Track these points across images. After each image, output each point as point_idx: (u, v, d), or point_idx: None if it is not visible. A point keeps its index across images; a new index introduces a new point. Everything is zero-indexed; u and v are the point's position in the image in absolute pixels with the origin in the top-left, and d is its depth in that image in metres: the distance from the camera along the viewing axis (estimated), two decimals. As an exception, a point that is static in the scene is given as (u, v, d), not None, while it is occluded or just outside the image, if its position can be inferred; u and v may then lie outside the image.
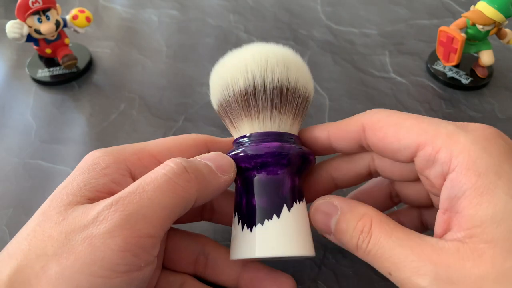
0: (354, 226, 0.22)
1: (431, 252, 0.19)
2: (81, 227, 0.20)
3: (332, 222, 0.23)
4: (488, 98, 0.41)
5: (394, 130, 0.22)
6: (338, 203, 0.23)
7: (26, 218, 0.22)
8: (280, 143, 0.24)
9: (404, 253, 0.20)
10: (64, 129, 0.41)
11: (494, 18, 0.38)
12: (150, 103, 0.42)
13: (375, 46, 0.47)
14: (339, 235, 0.23)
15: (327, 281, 0.29)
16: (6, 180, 0.37)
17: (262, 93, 0.24)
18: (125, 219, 0.19)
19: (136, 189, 0.21)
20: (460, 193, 0.20)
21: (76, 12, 0.43)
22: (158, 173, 0.21)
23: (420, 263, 0.19)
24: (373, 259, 0.22)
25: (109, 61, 0.47)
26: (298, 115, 0.26)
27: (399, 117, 0.23)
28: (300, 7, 0.52)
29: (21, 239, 0.20)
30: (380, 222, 0.22)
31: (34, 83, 0.45)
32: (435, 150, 0.21)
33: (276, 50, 0.26)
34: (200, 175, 0.22)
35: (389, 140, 0.23)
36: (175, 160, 0.22)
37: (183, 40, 0.49)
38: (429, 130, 0.21)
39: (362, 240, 0.22)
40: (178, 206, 0.21)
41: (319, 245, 0.31)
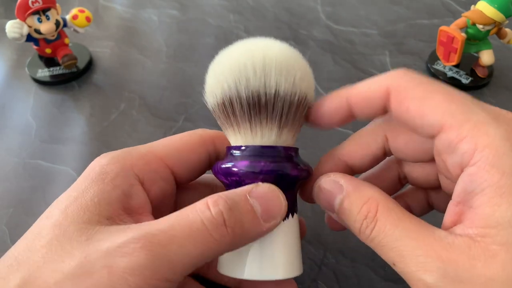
0: (358, 209, 0.21)
1: (440, 247, 0.18)
2: (104, 253, 0.19)
3: (336, 202, 0.22)
4: (488, 98, 0.41)
5: (419, 104, 0.20)
6: (343, 182, 0.22)
7: (26, 218, 0.22)
8: (249, 161, 0.22)
9: (410, 245, 0.19)
10: (64, 129, 0.41)
11: (494, 18, 0.38)
12: (150, 103, 0.42)
13: (375, 46, 0.47)
14: (342, 216, 0.22)
15: (327, 281, 0.29)
16: (6, 180, 0.37)
17: (237, 103, 0.22)
18: (150, 261, 0.19)
19: (168, 230, 0.20)
20: (478, 189, 0.18)
21: (76, 12, 0.43)
22: (195, 217, 0.20)
23: (427, 259, 0.18)
24: (376, 247, 0.21)
25: (109, 61, 0.47)
26: (286, 124, 0.23)
27: (427, 89, 0.20)
28: (300, 7, 0.52)
29: (33, 250, 0.20)
30: (387, 208, 0.20)
31: (34, 83, 0.45)
32: (459, 137, 0.19)
33: (260, 50, 0.23)
34: (239, 228, 0.21)
35: (412, 114, 0.21)
36: (216, 207, 0.20)
37: (183, 40, 0.49)
38: (457, 114, 0.19)
39: (365, 226, 0.21)
40: (206, 257, 0.20)
41: (319, 245, 0.31)
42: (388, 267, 0.30)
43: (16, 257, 0.20)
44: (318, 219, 0.33)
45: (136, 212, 0.22)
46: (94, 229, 0.20)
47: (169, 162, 0.24)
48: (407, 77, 0.21)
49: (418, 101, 0.20)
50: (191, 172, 0.26)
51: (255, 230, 0.21)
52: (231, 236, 0.20)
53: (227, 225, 0.20)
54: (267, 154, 0.23)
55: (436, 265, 0.18)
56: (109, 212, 0.21)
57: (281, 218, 0.22)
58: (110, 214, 0.21)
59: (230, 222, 0.20)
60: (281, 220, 0.22)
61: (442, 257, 0.18)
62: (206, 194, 0.28)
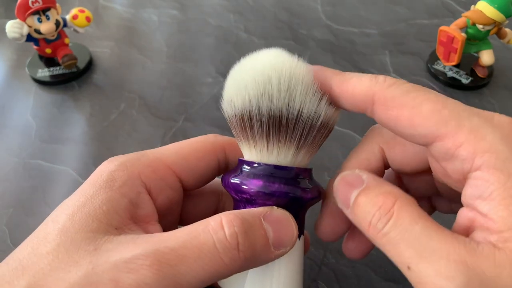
0: (372, 201, 0.19)
1: (465, 252, 0.17)
2: (111, 266, 0.19)
3: (353, 195, 0.21)
4: (488, 98, 0.41)
5: (409, 114, 0.19)
6: (366, 177, 0.21)
7: (26, 218, 0.22)
8: (263, 181, 0.22)
9: (431, 245, 0.17)
10: (64, 129, 0.41)
11: (494, 18, 0.38)
12: (150, 103, 0.42)
13: (375, 46, 0.47)
14: (355, 208, 0.20)
15: (327, 281, 0.29)
16: (6, 180, 0.37)
17: (257, 120, 0.22)
18: (157, 280, 0.18)
19: (178, 249, 0.19)
20: (486, 193, 0.18)
21: (76, 12, 0.43)
22: (207, 238, 0.19)
23: (451, 263, 0.17)
24: (388, 244, 0.19)
25: (109, 61, 0.47)
26: (304, 146, 0.22)
27: (416, 98, 0.19)
28: (300, 7, 0.52)
29: (39, 255, 0.20)
30: (407, 204, 0.19)
31: (34, 83, 0.45)
32: (455, 145, 0.18)
33: (285, 68, 0.22)
34: (250, 254, 0.20)
35: (402, 124, 0.20)
36: (231, 228, 0.20)
37: (183, 40, 0.49)
38: (450, 121, 0.19)
39: (378, 218, 0.19)
40: (213, 279, 0.20)
41: (319, 245, 0.31)
42: (388, 267, 0.30)
43: (21, 261, 0.20)
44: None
45: (143, 221, 0.22)
46: (102, 239, 0.20)
47: (177, 169, 0.24)
48: (395, 86, 0.20)
49: (408, 111, 0.20)
50: (199, 179, 0.25)
51: (264, 257, 0.21)
52: (242, 261, 0.20)
53: (240, 249, 0.20)
54: (282, 175, 0.22)
55: (461, 271, 0.17)
56: (117, 221, 0.21)
57: (291, 247, 0.22)
58: (118, 224, 0.21)
59: (244, 246, 0.20)
60: (290, 249, 0.22)
61: (467, 262, 0.17)
62: (212, 201, 0.27)
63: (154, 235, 0.20)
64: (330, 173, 0.35)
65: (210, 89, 0.43)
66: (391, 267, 0.30)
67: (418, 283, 0.18)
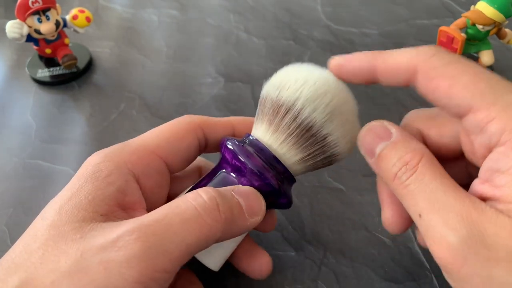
0: (400, 155, 0.21)
1: (473, 209, 0.18)
2: (99, 248, 0.19)
3: (380, 146, 0.22)
4: (488, 98, 0.41)
5: (447, 84, 0.20)
6: (394, 130, 0.22)
7: (26, 218, 0.22)
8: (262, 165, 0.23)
9: (444, 200, 0.19)
10: (64, 129, 0.41)
11: (494, 18, 0.38)
12: (150, 103, 0.42)
13: (375, 46, 0.47)
14: (381, 160, 0.22)
15: (327, 281, 0.29)
16: (6, 180, 0.37)
17: (292, 117, 0.23)
18: (146, 252, 0.19)
19: (163, 219, 0.20)
20: (504, 167, 0.19)
21: (76, 12, 0.43)
22: (188, 205, 0.21)
23: (458, 216, 0.18)
24: (407, 194, 0.20)
25: (109, 61, 0.47)
26: (308, 161, 0.24)
27: (456, 69, 0.20)
28: (300, 7, 0.52)
29: (30, 251, 0.20)
30: (430, 162, 0.20)
31: (34, 83, 0.45)
32: (487, 119, 0.19)
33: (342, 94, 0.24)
34: (230, 216, 0.21)
35: (440, 94, 0.21)
36: (209, 193, 0.21)
37: (183, 40, 0.49)
38: (486, 95, 0.19)
39: (403, 172, 0.20)
40: (201, 245, 0.21)
41: (319, 245, 0.31)
42: (388, 267, 0.30)
43: (14, 260, 0.20)
44: (318, 219, 0.33)
45: (131, 208, 0.22)
46: (88, 227, 0.20)
47: (161, 153, 0.25)
48: (437, 56, 0.21)
49: (447, 81, 0.20)
50: (183, 160, 0.26)
51: (242, 223, 0.22)
52: (223, 222, 0.21)
53: (221, 210, 0.21)
54: (277, 170, 0.24)
55: (465, 225, 0.18)
56: (104, 208, 0.21)
57: (262, 217, 0.23)
58: (105, 211, 0.21)
59: (223, 207, 0.21)
60: (261, 218, 0.23)
61: (472, 218, 0.18)
62: (195, 179, 0.28)
63: (138, 217, 0.21)
64: (330, 173, 0.35)
65: (210, 89, 0.43)
66: (391, 267, 0.30)
67: (426, 230, 0.20)
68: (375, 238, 0.31)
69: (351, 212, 0.33)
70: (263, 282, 0.29)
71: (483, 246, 0.18)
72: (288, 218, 0.33)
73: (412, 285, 0.29)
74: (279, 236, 0.32)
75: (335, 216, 0.33)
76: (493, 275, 0.18)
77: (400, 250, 0.31)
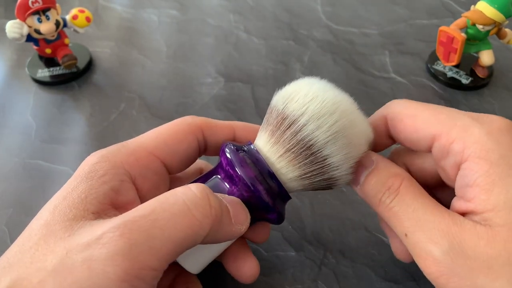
0: (383, 181, 0.23)
1: (452, 223, 0.20)
2: (83, 246, 0.19)
3: (363, 174, 0.23)
4: (488, 98, 0.41)
5: (412, 121, 0.23)
6: (375, 158, 0.24)
7: (26, 218, 0.22)
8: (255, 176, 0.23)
9: (425, 217, 0.21)
10: (64, 129, 0.41)
11: (494, 18, 0.38)
12: (150, 103, 0.42)
13: (375, 46, 0.47)
14: (365, 187, 0.23)
15: (327, 281, 0.29)
16: (6, 180, 0.37)
17: (293, 131, 0.22)
18: (129, 248, 0.18)
19: (149, 214, 0.19)
20: (471, 180, 0.20)
21: (76, 12, 0.43)
22: (176, 198, 0.20)
23: (439, 232, 0.20)
24: (392, 216, 0.22)
25: (109, 61, 0.47)
26: (306, 180, 0.23)
27: (417, 108, 0.23)
28: (300, 7, 0.52)
29: (23, 251, 0.20)
30: (410, 184, 0.22)
31: (34, 83, 0.45)
32: (449, 141, 0.21)
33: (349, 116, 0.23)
34: (219, 214, 0.21)
35: (408, 131, 0.23)
36: (200, 187, 0.21)
37: (183, 40, 0.49)
38: (445, 122, 0.22)
39: (387, 196, 0.22)
40: (189, 242, 0.20)
41: (319, 245, 0.31)
42: (388, 267, 0.30)
43: (9, 259, 0.20)
44: (318, 219, 0.33)
45: (124, 208, 0.22)
46: (77, 225, 0.20)
47: (160, 154, 0.24)
48: (401, 103, 0.24)
49: (411, 119, 0.23)
50: (182, 161, 0.26)
51: (228, 227, 0.22)
52: (213, 219, 0.20)
53: (212, 205, 0.21)
54: (271, 185, 0.23)
55: (446, 239, 0.20)
56: (95, 206, 0.21)
57: (246, 227, 0.23)
58: (96, 209, 0.21)
59: (215, 203, 0.21)
60: (245, 229, 0.23)
61: (452, 232, 0.20)
62: None
63: (125, 213, 0.20)
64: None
65: (210, 89, 0.43)
66: (391, 267, 0.30)
67: (412, 248, 0.21)
68: (375, 238, 0.31)
69: (351, 212, 0.33)
70: (263, 282, 0.29)
71: (464, 257, 0.19)
72: (288, 218, 0.33)
73: (412, 285, 0.29)
74: (279, 236, 0.32)
75: (335, 216, 0.33)
76: (478, 284, 0.19)
77: (400, 250, 0.31)
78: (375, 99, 0.41)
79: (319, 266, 0.30)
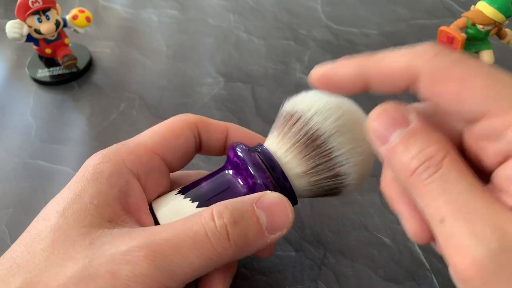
0: (423, 147, 0.18)
1: (505, 219, 0.16)
2: (108, 258, 0.19)
3: (397, 133, 0.18)
4: (488, 98, 0.41)
5: (457, 87, 0.17)
6: (413, 117, 0.19)
7: (26, 218, 0.22)
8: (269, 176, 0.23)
9: (472, 204, 0.16)
10: (64, 129, 0.41)
11: (494, 18, 0.38)
12: (150, 103, 0.42)
13: (375, 46, 0.47)
14: (397, 150, 0.18)
15: (327, 281, 0.29)
16: (6, 180, 0.37)
17: (301, 124, 0.23)
18: (152, 270, 0.19)
19: (172, 239, 0.20)
20: None
21: (76, 12, 0.43)
22: (199, 228, 0.20)
23: (487, 225, 0.16)
24: (427, 195, 0.17)
25: (109, 61, 0.47)
26: (313, 176, 0.23)
27: (466, 70, 0.18)
28: (300, 7, 0.52)
29: (33, 253, 0.20)
30: (456, 159, 0.18)
31: (34, 83, 0.45)
32: (504, 125, 0.17)
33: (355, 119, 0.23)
34: (242, 241, 0.21)
35: (448, 99, 0.18)
36: (221, 220, 0.20)
37: (183, 40, 0.49)
38: (502, 99, 0.17)
39: (426, 167, 0.17)
40: (208, 268, 0.21)
41: (319, 245, 0.31)
42: (388, 267, 0.30)
43: (15, 260, 0.20)
44: (317, 219, 0.33)
45: (135, 211, 0.23)
46: (96, 233, 0.20)
47: (159, 151, 0.25)
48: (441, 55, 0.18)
49: (457, 84, 0.17)
50: (181, 157, 0.26)
51: (259, 242, 0.21)
52: (233, 249, 0.21)
53: (230, 238, 0.20)
54: (280, 181, 0.23)
55: (496, 237, 0.16)
56: (110, 214, 0.21)
57: (287, 229, 0.22)
58: (111, 216, 0.21)
59: (233, 236, 0.20)
60: (287, 231, 0.22)
61: (504, 229, 0.16)
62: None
63: (148, 228, 0.21)
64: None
65: (210, 89, 0.43)
66: (391, 267, 0.30)
67: (447, 238, 0.17)
68: (375, 238, 0.31)
69: (351, 212, 0.33)
70: (263, 282, 0.29)
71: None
72: (288, 218, 0.33)
73: (412, 285, 0.29)
74: (279, 236, 0.32)
75: (335, 216, 0.33)
76: None
77: (400, 250, 0.31)
78: (375, 99, 0.41)
79: (319, 266, 0.30)
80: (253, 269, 0.30)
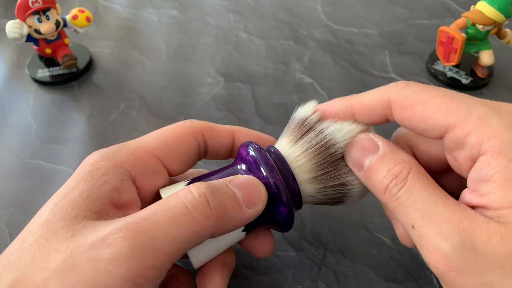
0: (390, 168, 0.21)
1: (463, 218, 0.19)
2: (88, 246, 0.19)
3: (368, 159, 0.22)
4: (488, 98, 0.41)
5: (422, 109, 0.21)
6: (381, 143, 0.22)
7: (26, 218, 0.22)
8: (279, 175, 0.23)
9: (435, 210, 0.19)
10: (64, 129, 0.41)
11: (494, 18, 0.38)
12: (150, 103, 0.42)
13: (375, 46, 0.47)
14: (370, 173, 0.22)
15: (327, 281, 0.29)
16: (6, 180, 0.37)
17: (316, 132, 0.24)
18: (133, 249, 0.19)
19: (151, 217, 0.20)
20: (488, 176, 0.19)
21: (76, 12, 0.43)
22: (177, 201, 0.21)
23: (449, 225, 0.19)
24: (399, 206, 0.21)
25: (109, 61, 0.47)
26: (321, 183, 0.24)
27: (427, 94, 0.21)
28: (300, 7, 0.52)
29: (23, 249, 0.20)
30: (419, 173, 0.21)
31: (34, 83, 0.45)
32: (464, 133, 0.20)
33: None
34: (222, 211, 0.21)
35: (416, 119, 0.21)
36: (199, 189, 0.21)
37: (183, 40, 0.49)
38: (459, 111, 0.20)
39: (394, 184, 0.21)
40: (192, 241, 0.21)
41: (319, 245, 0.31)
42: (388, 267, 0.30)
43: (8, 257, 0.20)
44: (317, 219, 0.33)
45: (125, 207, 0.23)
46: (79, 225, 0.20)
47: (160, 155, 0.25)
48: (407, 87, 0.22)
49: (420, 106, 0.21)
50: (182, 163, 0.26)
51: (238, 215, 0.22)
52: (215, 218, 0.21)
53: (211, 206, 0.21)
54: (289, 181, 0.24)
55: (457, 234, 0.19)
56: (97, 206, 0.21)
57: (263, 206, 0.23)
58: (98, 209, 0.21)
59: (214, 203, 0.21)
60: (262, 208, 0.23)
61: (463, 226, 0.19)
62: None
63: (129, 215, 0.20)
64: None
65: (210, 89, 0.43)
66: (391, 267, 0.30)
67: (419, 240, 0.20)
68: (375, 238, 0.31)
69: (351, 212, 0.33)
70: (263, 282, 0.29)
71: (475, 253, 0.18)
72: (288, 218, 0.33)
73: (412, 285, 0.29)
74: (279, 236, 0.32)
75: (335, 216, 0.33)
76: (488, 281, 0.18)
77: (400, 250, 0.31)
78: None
79: (319, 266, 0.30)
80: (253, 269, 0.30)
